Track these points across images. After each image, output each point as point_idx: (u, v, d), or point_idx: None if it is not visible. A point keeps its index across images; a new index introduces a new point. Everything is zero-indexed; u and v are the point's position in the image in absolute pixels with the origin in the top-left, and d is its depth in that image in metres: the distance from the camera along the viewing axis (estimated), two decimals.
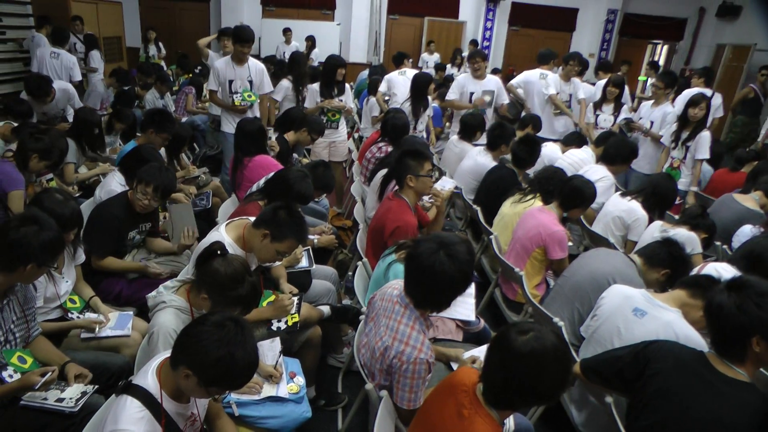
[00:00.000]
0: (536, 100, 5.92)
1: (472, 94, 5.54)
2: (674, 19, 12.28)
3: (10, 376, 1.96)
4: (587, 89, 6.11)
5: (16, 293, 2.06)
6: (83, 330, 2.49)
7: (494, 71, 8.22)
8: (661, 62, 13.09)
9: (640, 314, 2.15)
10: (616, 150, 4.09)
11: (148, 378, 1.57)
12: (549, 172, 3.52)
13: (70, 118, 5.18)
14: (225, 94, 4.67)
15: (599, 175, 3.96)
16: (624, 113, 5.69)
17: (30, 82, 4.91)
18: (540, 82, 5.83)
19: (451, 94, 5.61)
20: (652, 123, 5.23)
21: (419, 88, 5.16)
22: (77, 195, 3.94)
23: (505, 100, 5.79)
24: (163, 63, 9.44)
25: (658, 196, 3.42)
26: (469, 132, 4.79)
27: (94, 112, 4.43)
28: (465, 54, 7.02)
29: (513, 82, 6.17)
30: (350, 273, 3.67)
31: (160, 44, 9.98)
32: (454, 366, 2.34)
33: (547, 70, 5.97)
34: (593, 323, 2.34)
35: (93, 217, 2.89)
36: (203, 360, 1.44)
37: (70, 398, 1.99)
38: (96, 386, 2.08)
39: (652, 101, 5.43)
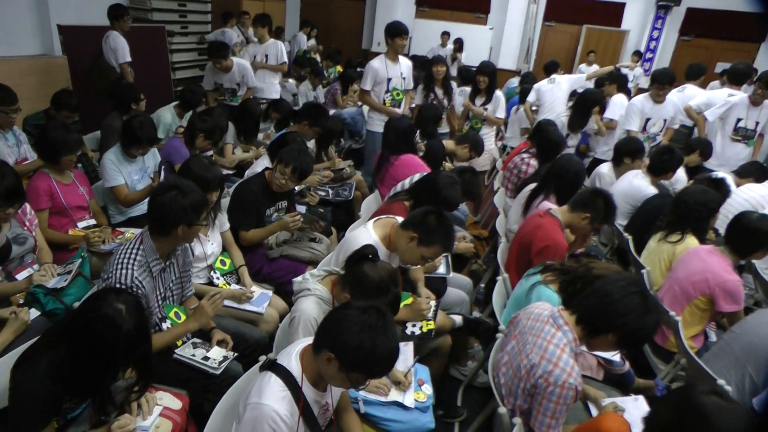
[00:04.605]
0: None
1: (648, 120, 5.05)
2: None
3: (169, 329, 2.17)
4: None
5: (177, 257, 2.26)
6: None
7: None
8: None
9: None
10: None
11: (291, 360, 1.62)
12: (684, 197, 3.08)
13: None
14: (381, 94, 4.72)
15: None
16: None
17: (212, 45, 5.44)
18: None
19: (633, 125, 5.06)
20: None
21: (585, 105, 4.90)
22: (232, 173, 4.27)
23: (677, 124, 5.23)
24: (317, 57, 9.93)
25: None
26: (622, 155, 4.30)
27: (258, 105, 4.75)
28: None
29: (692, 104, 5.51)
30: (482, 285, 3.58)
31: (314, 40, 10.51)
32: (591, 407, 2.16)
33: (736, 89, 5.30)
34: None
35: (234, 194, 3.10)
36: (346, 343, 1.46)
37: (214, 359, 2.15)
38: (236, 354, 2.22)
39: None
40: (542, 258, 2.54)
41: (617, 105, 5.45)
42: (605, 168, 4.46)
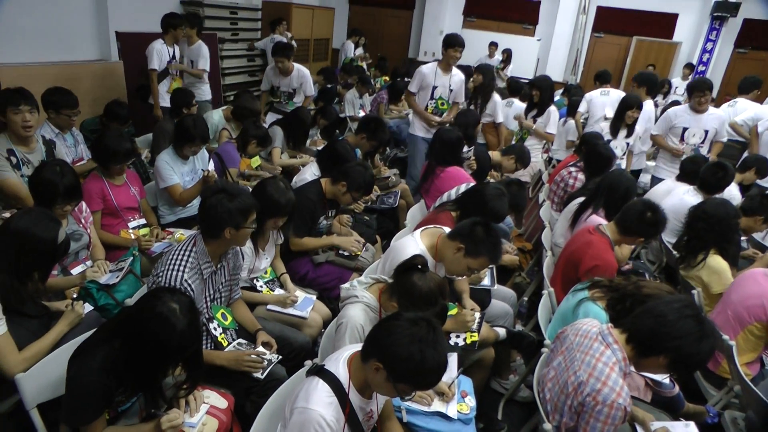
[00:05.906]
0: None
1: (685, 129, 4.84)
2: None
3: (215, 329, 2.21)
4: None
5: (228, 261, 2.30)
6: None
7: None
8: None
9: None
10: None
11: (339, 367, 1.62)
12: (716, 211, 2.96)
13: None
14: (424, 99, 4.76)
15: None
16: None
17: (278, 44, 5.57)
18: None
19: (657, 129, 4.95)
20: None
21: (623, 109, 4.76)
22: None
23: (724, 137, 4.98)
24: (365, 65, 10.01)
25: None
26: (691, 176, 4.13)
27: (309, 114, 4.79)
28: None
29: (738, 119, 5.33)
30: (525, 298, 3.52)
31: (362, 48, 10.60)
32: (639, 429, 2.09)
33: None
34: None
35: None
36: (394, 354, 1.45)
37: None
38: (280, 357, 2.24)
39: None
40: (591, 276, 2.48)
41: (644, 118, 5.05)
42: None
